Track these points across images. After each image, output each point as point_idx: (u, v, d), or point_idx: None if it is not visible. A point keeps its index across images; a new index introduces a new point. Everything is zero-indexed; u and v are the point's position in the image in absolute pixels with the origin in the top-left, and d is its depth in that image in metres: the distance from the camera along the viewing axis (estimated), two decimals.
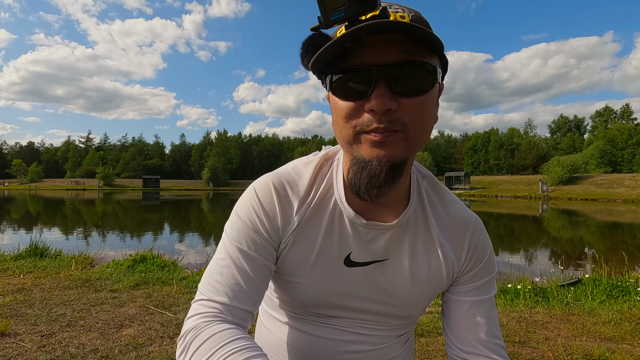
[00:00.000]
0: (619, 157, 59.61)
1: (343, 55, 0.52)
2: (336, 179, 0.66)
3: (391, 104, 0.50)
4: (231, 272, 0.61)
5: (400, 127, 0.51)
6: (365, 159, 0.53)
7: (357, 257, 0.64)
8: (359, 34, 0.47)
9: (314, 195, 0.65)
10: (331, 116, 0.60)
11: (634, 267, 5.63)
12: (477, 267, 0.69)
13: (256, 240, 0.64)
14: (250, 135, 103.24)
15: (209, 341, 0.53)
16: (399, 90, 0.50)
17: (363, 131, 0.53)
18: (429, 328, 2.95)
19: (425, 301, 0.70)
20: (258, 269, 0.63)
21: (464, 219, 0.69)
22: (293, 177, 0.66)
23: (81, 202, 32.36)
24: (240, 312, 0.60)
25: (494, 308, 0.70)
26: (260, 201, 0.64)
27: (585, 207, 28.25)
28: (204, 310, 0.59)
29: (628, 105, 71.13)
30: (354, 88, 0.52)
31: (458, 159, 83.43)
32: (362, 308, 0.67)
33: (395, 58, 0.50)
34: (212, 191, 66.06)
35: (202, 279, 0.64)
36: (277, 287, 0.70)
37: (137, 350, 2.49)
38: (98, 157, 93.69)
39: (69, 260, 5.13)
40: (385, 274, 0.65)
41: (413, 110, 0.51)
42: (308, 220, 0.64)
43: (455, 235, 0.68)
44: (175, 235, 12.46)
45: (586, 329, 3.02)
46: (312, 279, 0.65)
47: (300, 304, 0.67)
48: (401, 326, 0.72)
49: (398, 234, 0.65)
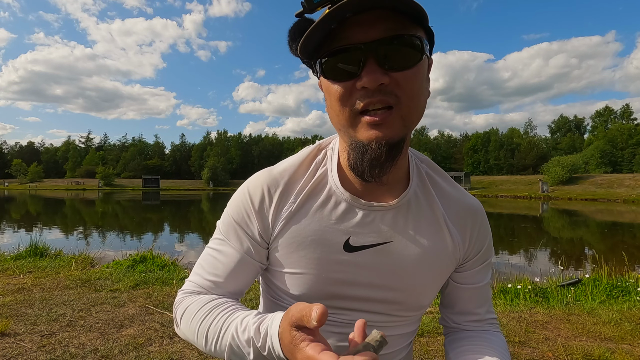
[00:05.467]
0: (619, 157, 59.64)
1: (330, 38, 0.52)
2: (330, 165, 0.66)
3: (383, 79, 0.50)
4: (215, 264, 0.66)
5: (394, 101, 0.52)
6: (364, 142, 0.53)
7: (357, 241, 0.62)
8: (344, 13, 0.48)
9: (306, 185, 0.65)
10: (325, 103, 0.59)
11: (634, 267, 5.64)
12: (479, 252, 0.70)
13: (244, 239, 0.65)
14: (250, 135, 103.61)
15: (191, 306, 0.62)
16: (389, 65, 0.51)
17: (358, 112, 0.53)
18: (429, 328, 2.94)
19: (434, 287, 0.68)
20: (242, 266, 0.65)
21: (469, 203, 0.70)
22: (285, 171, 0.66)
23: (81, 202, 32.37)
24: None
25: (489, 289, 0.74)
26: (252, 200, 0.65)
27: (585, 207, 28.25)
28: (187, 287, 0.67)
29: (628, 105, 71.20)
30: (344, 69, 0.52)
31: (458, 159, 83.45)
32: (366, 296, 0.64)
33: (381, 34, 0.50)
34: (212, 191, 66.06)
35: (197, 260, 0.70)
36: (277, 281, 0.68)
37: (137, 350, 2.49)
38: (98, 157, 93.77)
39: (69, 260, 5.13)
40: (389, 257, 0.63)
41: (405, 84, 0.52)
42: (300, 211, 0.64)
43: (460, 219, 0.68)
44: (175, 235, 12.46)
45: (586, 329, 3.02)
46: (310, 269, 0.63)
47: (301, 296, 0.65)
48: (407, 322, 0.69)
49: (400, 215, 0.64)
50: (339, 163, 0.65)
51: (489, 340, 0.69)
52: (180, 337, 2.71)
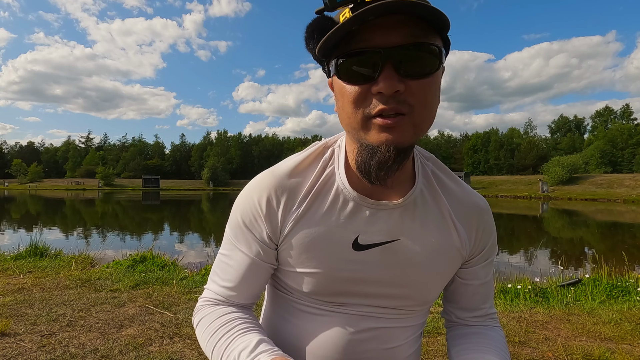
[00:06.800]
0: (619, 157, 59.66)
1: (347, 38, 0.51)
2: (338, 165, 0.66)
3: (399, 86, 0.50)
4: (228, 269, 0.67)
5: (407, 110, 0.51)
6: (374, 145, 0.53)
7: (366, 240, 0.63)
8: (367, 16, 0.47)
9: (314, 184, 0.64)
10: (335, 103, 0.59)
11: (634, 267, 5.63)
12: (484, 249, 0.70)
13: (253, 242, 0.65)
14: (250, 135, 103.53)
15: (205, 317, 0.66)
16: (406, 72, 0.50)
17: (371, 115, 0.52)
18: (429, 328, 2.95)
19: (441, 283, 0.69)
20: (254, 269, 0.66)
21: (475, 201, 0.70)
22: (291, 171, 0.66)
23: (81, 202, 32.36)
24: (234, 304, 0.68)
25: (492, 285, 0.76)
26: (259, 203, 0.64)
27: (585, 207, 28.26)
28: (206, 295, 0.70)
29: (628, 106, 71.27)
30: (361, 72, 0.51)
31: (458, 159, 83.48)
32: (375, 293, 0.65)
33: (402, 40, 0.49)
34: (212, 191, 66.08)
35: (212, 265, 0.72)
36: (285, 279, 0.68)
37: (137, 350, 2.49)
38: (98, 157, 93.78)
39: (69, 260, 5.13)
40: (397, 255, 0.64)
41: (420, 92, 0.51)
42: (309, 211, 0.64)
43: (467, 216, 0.68)
44: (175, 235, 12.46)
45: (586, 329, 3.02)
46: (320, 268, 0.63)
47: (310, 293, 0.66)
48: (415, 315, 0.70)
49: (407, 213, 0.64)
50: (347, 162, 0.65)
51: (489, 337, 0.71)
52: (180, 337, 2.72)
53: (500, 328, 0.75)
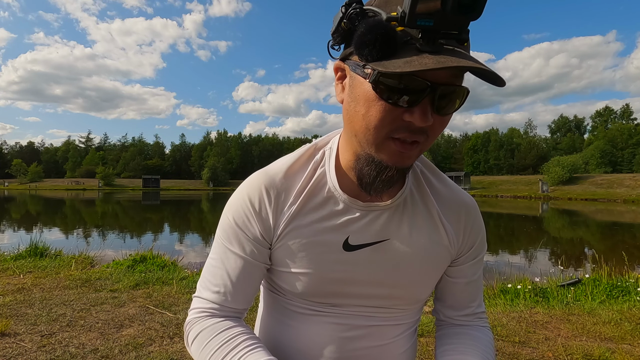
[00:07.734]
0: (619, 157, 59.67)
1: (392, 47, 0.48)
2: (329, 167, 0.66)
3: (430, 121, 0.51)
4: (220, 273, 0.66)
5: (423, 139, 0.54)
6: (384, 164, 0.55)
7: (356, 241, 0.64)
8: (446, 65, 0.44)
9: (305, 185, 0.65)
10: (346, 99, 0.57)
11: (634, 267, 5.64)
12: (472, 247, 0.71)
13: (247, 242, 0.65)
14: (250, 135, 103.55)
15: (203, 333, 0.63)
16: (438, 109, 0.52)
17: (391, 137, 0.53)
18: (429, 328, 2.94)
19: (431, 282, 0.70)
20: (248, 270, 0.66)
21: (461, 199, 0.71)
22: (283, 171, 0.66)
23: (81, 202, 32.37)
24: (229, 310, 0.66)
25: (480, 283, 0.76)
26: (251, 202, 0.65)
27: (585, 207, 28.26)
28: (199, 305, 0.67)
29: (628, 106, 71.24)
30: (399, 94, 0.50)
31: (458, 159, 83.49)
32: (366, 293, 0.66)
33: (446, 80, 0.50)
34: (212, 191, 66.07)
35: (201, 274, 0.70)
36: (278, 280, 0.69)
37: (137, 350, 2.50)
38: (98, 157, 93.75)
39: (69, 260, 5.13)
40: (386, 254, 0.65)
41: (439, 126, 0.54)
42: (301, 212, 0.64)
43: (454, 215, 0.69)
44: (175, 235, 12.47)
45: (586, 329, 3.02)
46: (312, 268, 0.64)
47: (302, 294, 0.67)
48: (407, 313, 0.71)
49: (397, 213, 0.66)
50: (337, 164, 0.66)
51: (475, 338, 0.71)
52: (180, 337, 2.72)
53: (488, 328, 0.75)
